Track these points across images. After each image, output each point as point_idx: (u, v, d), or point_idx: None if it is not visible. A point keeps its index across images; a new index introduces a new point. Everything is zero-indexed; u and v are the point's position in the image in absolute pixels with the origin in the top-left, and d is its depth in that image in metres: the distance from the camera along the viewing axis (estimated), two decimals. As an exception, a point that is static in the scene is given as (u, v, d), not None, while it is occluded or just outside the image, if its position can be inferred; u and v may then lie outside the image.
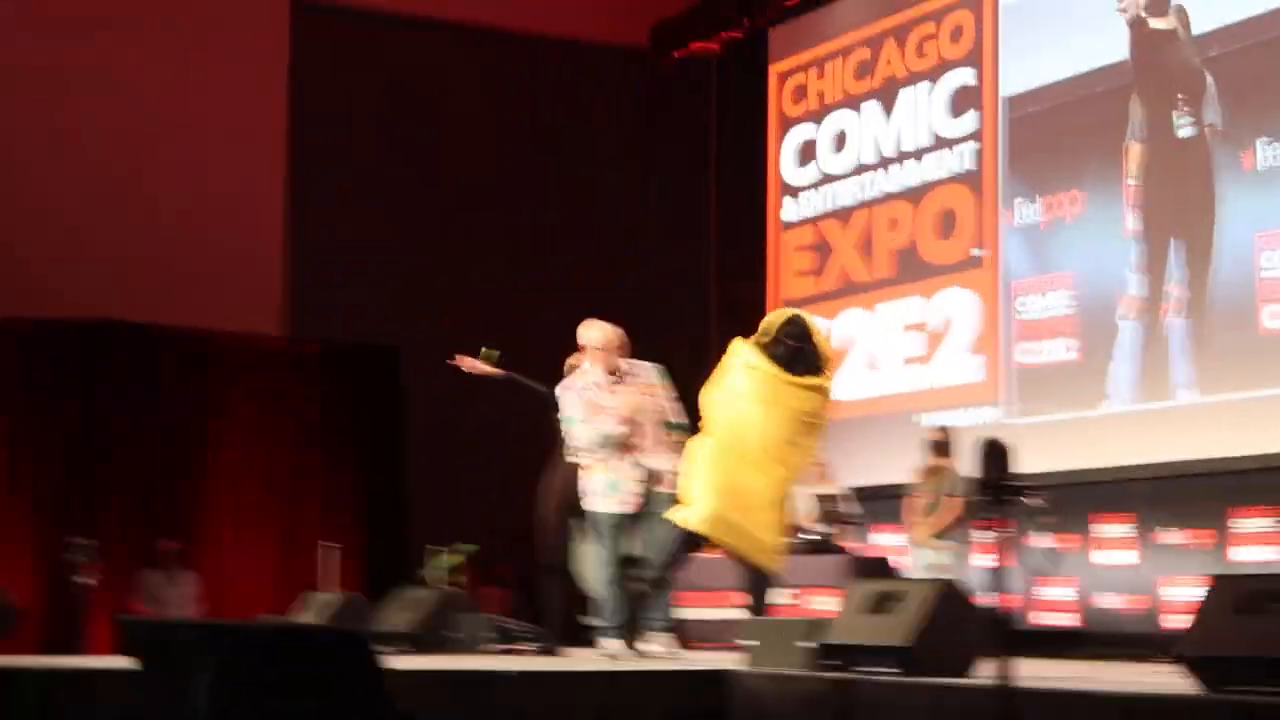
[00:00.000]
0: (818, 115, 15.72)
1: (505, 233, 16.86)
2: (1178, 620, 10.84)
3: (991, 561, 5.32)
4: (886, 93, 14.93)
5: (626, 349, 8.93)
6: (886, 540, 13.52)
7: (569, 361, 9.30)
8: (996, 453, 5.32)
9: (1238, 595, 5.64)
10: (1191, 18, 12.22)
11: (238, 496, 15.52)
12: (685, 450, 8.74)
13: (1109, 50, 12.77)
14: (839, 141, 15.42)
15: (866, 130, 15.09)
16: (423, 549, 12.18)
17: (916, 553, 11.80)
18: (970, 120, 14.01)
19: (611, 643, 8.69)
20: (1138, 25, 12.59)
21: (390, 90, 16.70)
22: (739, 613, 8.93)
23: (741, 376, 8.60)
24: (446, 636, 9.54)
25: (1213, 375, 11.70)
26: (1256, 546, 11.28)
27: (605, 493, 8.77)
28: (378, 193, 16.51)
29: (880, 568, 11.95)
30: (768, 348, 8.60)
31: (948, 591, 6.83)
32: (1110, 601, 12.22)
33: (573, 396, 8.83)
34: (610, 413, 8.70)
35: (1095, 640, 11.73)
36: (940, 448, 11.79)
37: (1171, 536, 11.79)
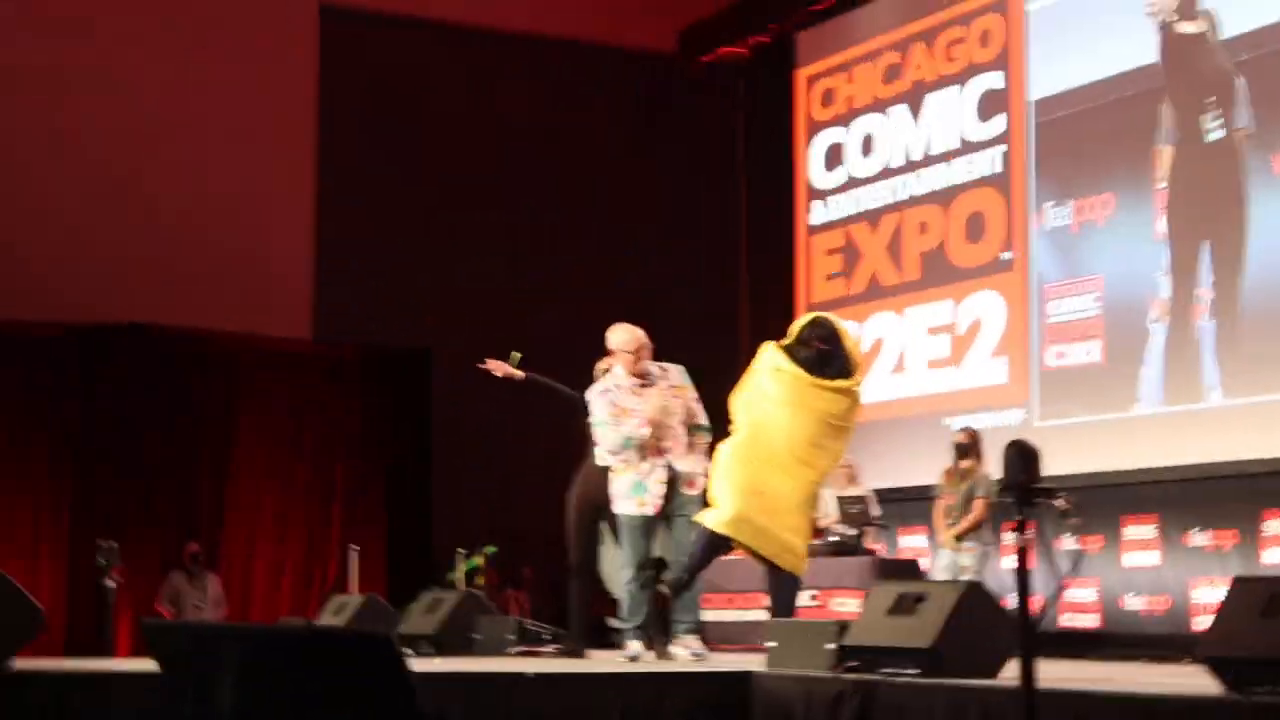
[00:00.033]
0: (846, 119, 15.67)
1: (535, 235, 16.84)
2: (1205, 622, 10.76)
3: (1016, 563, 5.30)
4: (915, 96, 14.88)
5: (649, 351, 8.89)
6: (915, 542, 13.48)
7: (599, 365, 9.28)
8: (1022, 455, 5.30)
9: (1260, 597, 5.62)
10: (1221, 21, 12.15)
11: (262, 498, 15.56)
12: (712, 453, 8.72)
13: (1137, 54, 12.71)
14: (867, 145, 15.37)
15: (895, 134, 15.04)
16: (445, 551, 12.19)
17: (940, 555, 11.76)
18: (999, 124, 13.95)
19: (633, 644, 8.66)
20: (1167, 29, 12.53)
21: (419, 93, 16.70)
22: (763, 615, 8.90)
23: (769, 380, 8.59)
24: (468, 638, 9.54)
25: (1244, 378, 11.63)
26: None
27: (629, 495, 8.75)
28: (407, 195, 16.50)
29: (908, 569, 11.91)
30: (795, 351, 8.59)
31: (971, 593, 6.81)
32: (1135, 603, 12.16)
33: (600, 400, 8.80)
34: (635, 415, 8.67)
35: (1119, 642, 11.67)
36: (967, 450, 11.74)
37: (1200, 538, 11.72)
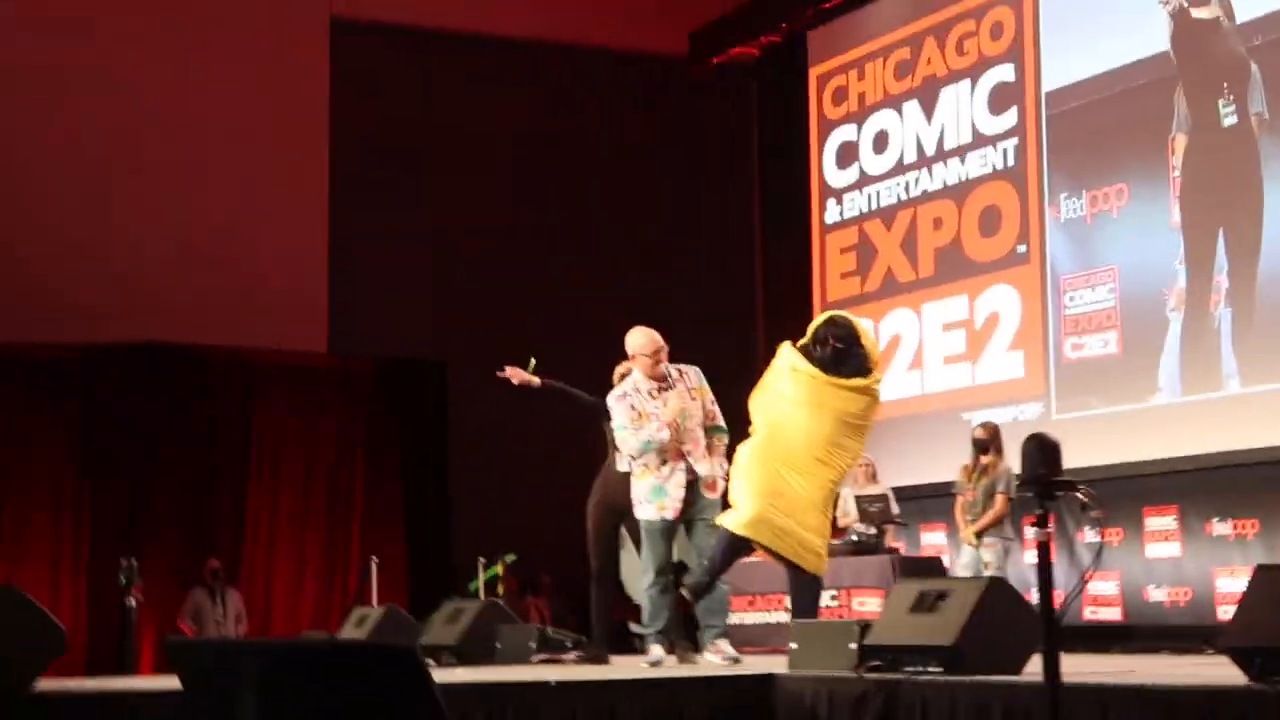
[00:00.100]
0: (859, 117, 15.61)
1: (548, 243, 16.83)
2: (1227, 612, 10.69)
3: (1038, 558, 5.24)
4: (927, 92, 14.81)
5: (664, 353, 8.83)
6: (937, 539, 13.41)
7: (618, 370, 9.25)
8: (1042, 449, 5.27)
9: (1282, 585, 5.55)
10: (1235, 6, 12.07)
11: (281, 513, 15.56)
12: (732, 454, 8.68)
13: (1149, 42, 12.64)
14: (880, 142, 15.30)
15: (908, 130, 14.98)
16: (464, 560, 12.17)
17: (963, 551, 11.70)
18: (1011, 116, 13.88)
19: (655, 649, 8.61)
20: (1180, 15, 12.44)
21: (431, 105, 16.71)
22: (785, 616, 8.85)
23: (786, 380, 8.56)
24: (490, 648, 9.50)
25: (1261, 365, 11.54)
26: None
27: (649, 499, 8.70)
28: (420, 207, 16.50)
29: (930, 567, 11.85)
30: (811, 350, 8.55)
31: (993, 590, 6.76)
32: (1157, 594, 12.08)
33: (619, 404, 8.76)
34: (655, 418, 8.62)
35: (1142, 634, 11.60)
36: (986, 445, 11.68)
37: (1222, 528, 11.63)
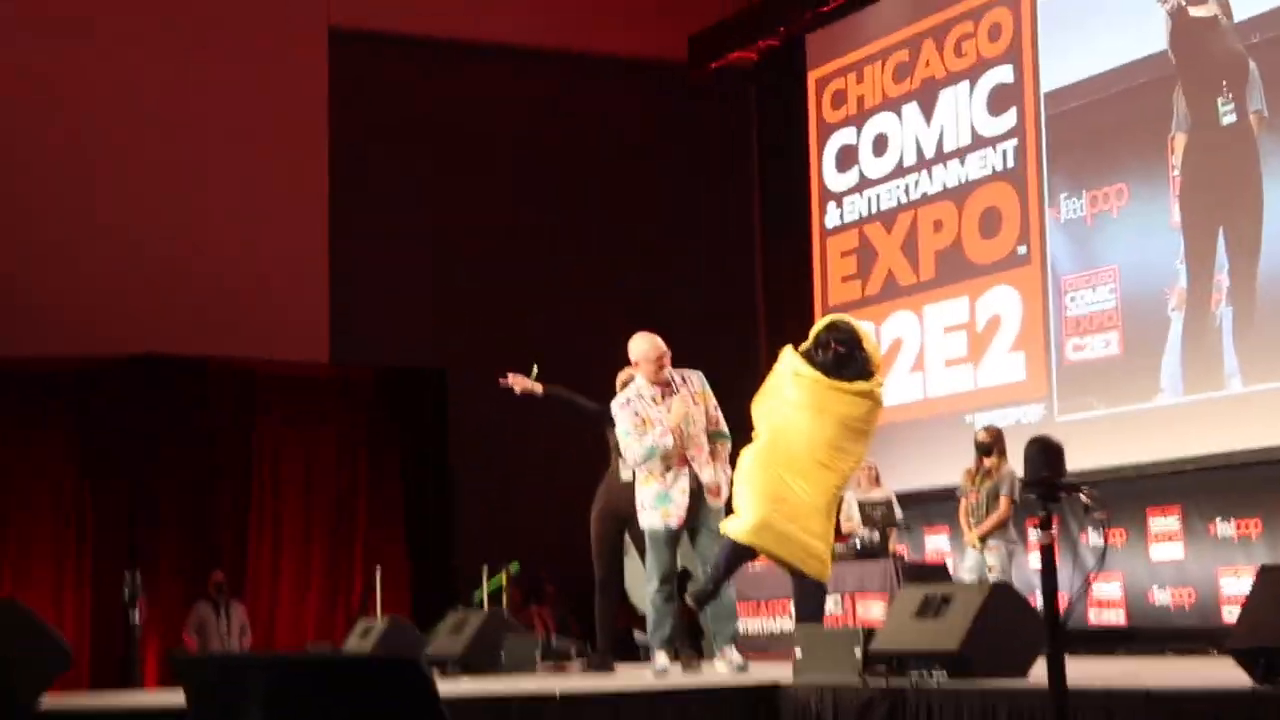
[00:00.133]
0: (857, 120, 15.59)
1: (547, 247, 16.80)
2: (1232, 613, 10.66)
3: (1041, 561, 5.22)
4: (926, 94, 14.79)
5: (667, 358, 8.81)
6: (941, 543, 13.38)
7: (620, 376, 9.23)
8: (1045, 451, 5.27)
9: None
10: (1233, 4, 12.04)
11: (284, 524, 15.52)
12: (734, 460, 8.66)
13: (1148, 42, 12.61)
14: (880, 145, 15.28)
15: (907, 132, 14.96)
16: (468, 570, 12.16)
17: (967, 555, 11.67)
18: (1010, 117, 13.86)
19: (660, 657, 8.59)
20: (1178, 14, 12.42)
21: (430, 113, 16.68)
22: (790, 622, 8.83)
23: (789, 384, 8.53)
24: (495, 657, 9.48)
25: (1262, 364, 11.52)
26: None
27: (654, 506, 8.67)
28: (420, 216, 16.49)
29: (934, 572, 11.82)
30: (813, 354, 8.52)
31: (997, 594, 6.76)
32: (1161, 596, 12.06)
33: (623, 411, 8.74)
34: (658, 424, 8.60)
35: (1147, 636, 11.58)
36: (989, 448, 11.64)
37: (1225, 528, 11.61)
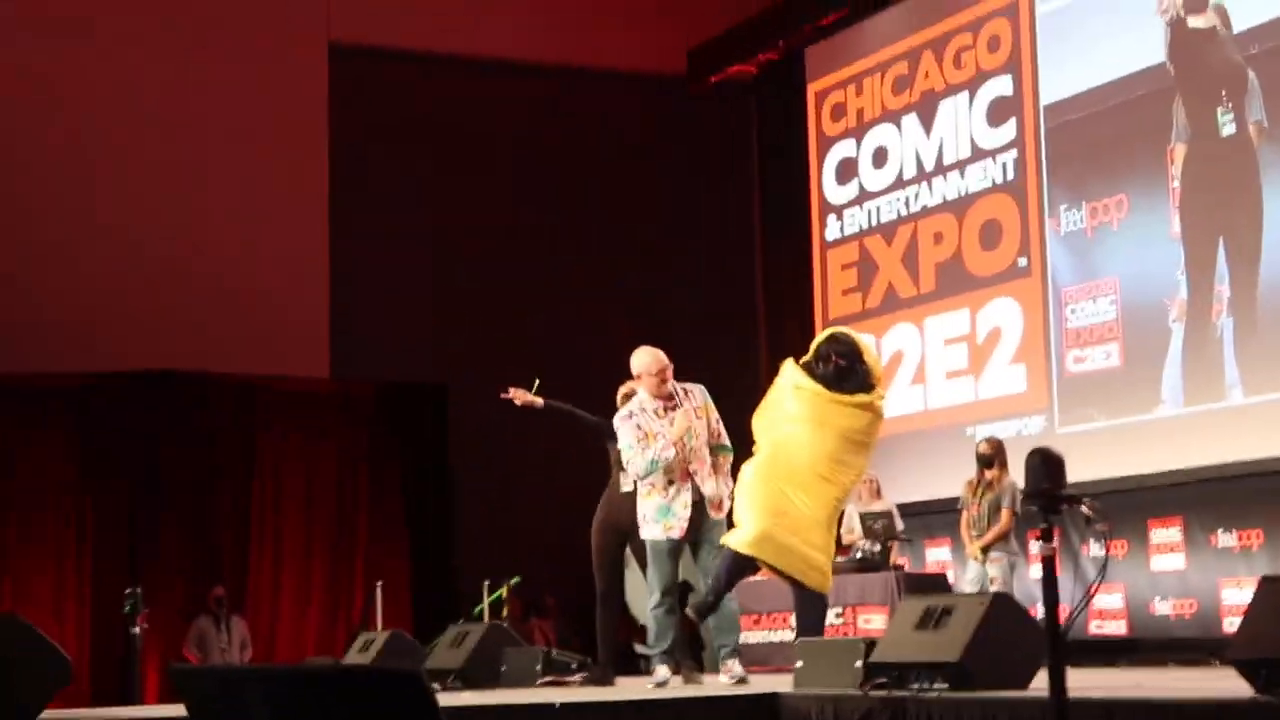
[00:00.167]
0: (857, 132, 15.59)
1: (550, 267, 16.78)
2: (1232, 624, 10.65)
3: (1043, 572, 5.21)
4: (925, 106, 14.79)
5: (671, 371, 8.81)
6: (942, 555, 13.36)
7: (621, 390, 9.22)
8: (1046, 463, 5.26)
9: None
10: (1231, 15, 12.04)
11: (285, 539, 15.53)
12: (735, 474, 8.65)
13: (1147, 53, 12.61)
14: (879, 157, 15.28)
15: (907, 145, 14.95)
16: (468, 583, 12.15)
17: (969, 567, 11.66)
18: (1010, 129, 13.85)
19: (661, 670, 8.58)
20: (1177, 25, 12.42)
21: (430, 128, 16.68)
22: (790, 635, 8.81)
23: (790, 398, 8.52)
24: (495, 670, 9.47)
25: (1263, 374, 11.50)
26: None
27: (655, 519, 8.67)
28: (420, 231, 16.48)
29: (934, 583, 11.81)
30: (814, 367, 8.52)
31: (998, 605, 6.74)
32: (1162, 607, 12.04)
33: (626, 425, 8.73)
34: (660, 437, 8.60)
35: (1148, 647, 11.56)
36: (991, 460, 11.63)
37: (1227, 539, 11.59)
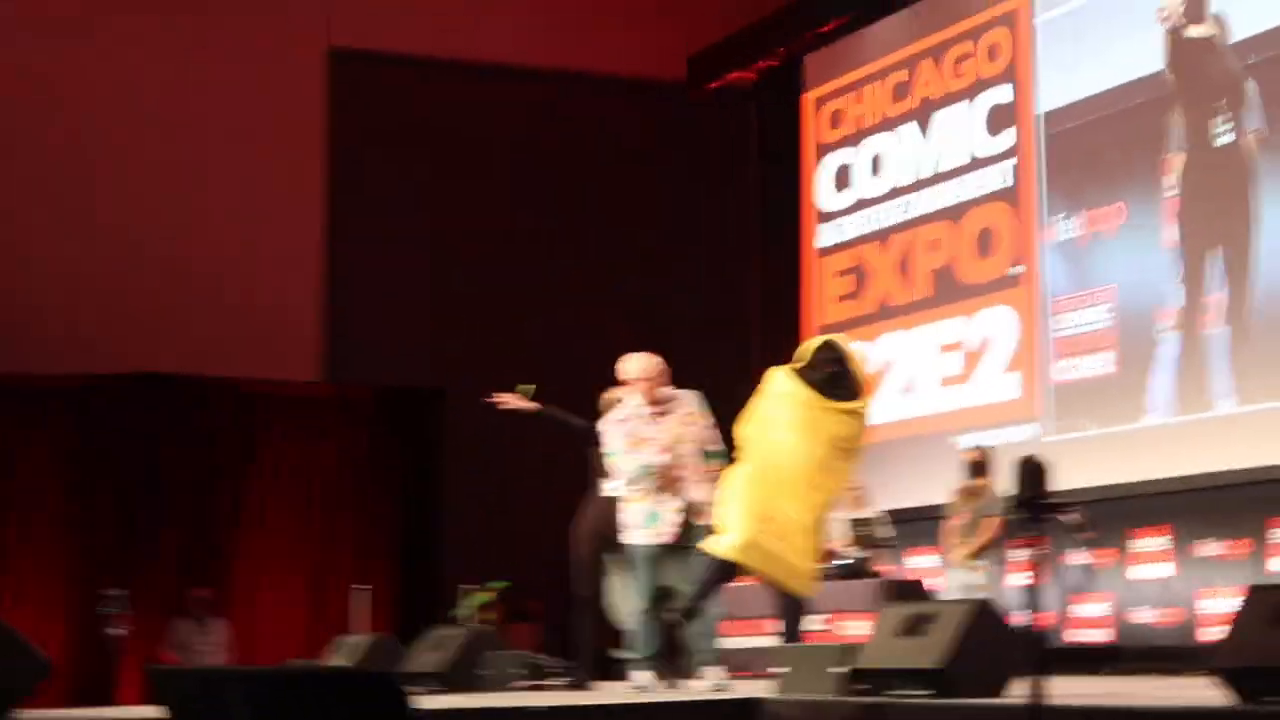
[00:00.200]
0: (854, 140, 15.55)
1: (547, 272, 16.74)
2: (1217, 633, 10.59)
3: (1027, 580, 5.19)
4: (923, 114, 14.75)
5: (667, 377, 8.78)
6: (922, 562, 13.29)
7: (605, 396, 9.17)
8: (1033, 471, 5.25)
9: (1274, 605, 5.48)
10: (1230, 24, 11.99)
11: (274, 541, 15.51)
12: (721, 479, 8.58)
13: (1144, 63, 12.57)
14: (876, 165, 15.23)
15: (905, 152, 14.90)
16: (456, 588, 12.12)
17: (952, 574, 11.61)
18: (1008, 137, 13.81)
19: (642, 675, 8.52)
20: (1176, 34, 12.37)
21: (428, 132, 16.66)
22: (772, 640, 8.77)
23: (777, 404, 8.48)
24: (476, 674, 9.41)
25: (1256, 384, 11.45)
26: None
27: (643, 524, 8.64)
28: (417, 235, 16.45)
29: (914, 590, 11.75)
30: (803, 373, 8.48)
31: (980, 612, 6.73)
32: (1147, 616, 11.98)
33: (616, 429, 8.69)
34: (652, 443, 8.56)
35: (1131, 655, 11.51)
36: (978, 468, 11.61)
37: (1209, 548, 11.53)
